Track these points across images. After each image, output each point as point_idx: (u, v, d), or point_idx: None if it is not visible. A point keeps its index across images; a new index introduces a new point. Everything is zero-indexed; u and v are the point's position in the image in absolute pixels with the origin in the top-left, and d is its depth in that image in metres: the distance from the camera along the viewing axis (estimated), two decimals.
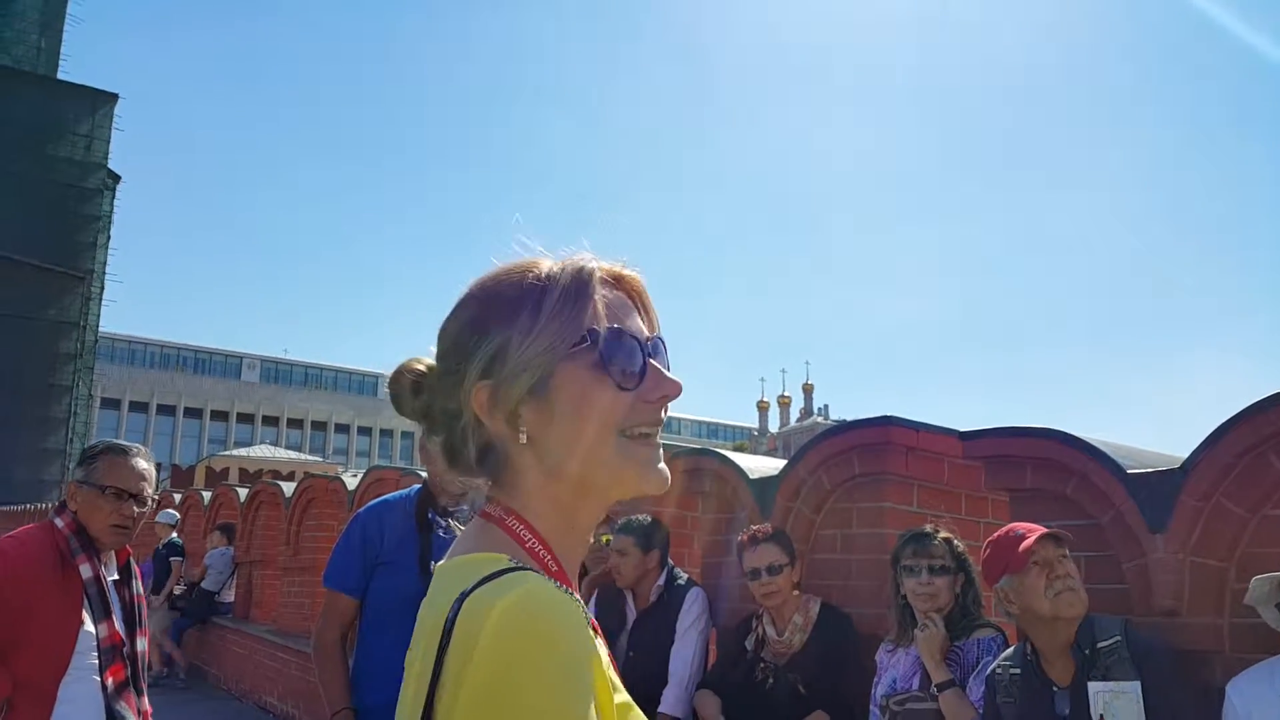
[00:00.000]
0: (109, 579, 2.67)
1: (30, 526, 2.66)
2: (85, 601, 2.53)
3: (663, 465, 0.94)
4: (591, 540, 1.04)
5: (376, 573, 2.99)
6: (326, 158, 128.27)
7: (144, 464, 2.74)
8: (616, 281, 0.98)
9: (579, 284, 0.93)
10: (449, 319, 0.99)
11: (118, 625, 2.57)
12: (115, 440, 2.81)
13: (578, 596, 0.90)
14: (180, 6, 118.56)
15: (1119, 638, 2.49)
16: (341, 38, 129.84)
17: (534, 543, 0.92)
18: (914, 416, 3.94)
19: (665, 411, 0.95)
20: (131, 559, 2.84)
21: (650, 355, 0.94)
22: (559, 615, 0.80)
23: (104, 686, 2.50)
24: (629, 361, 0.92)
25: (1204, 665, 2.74)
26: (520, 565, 0.87)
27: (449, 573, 0.90)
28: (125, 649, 2.58)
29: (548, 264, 0.96)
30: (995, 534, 2.71)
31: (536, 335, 0.90)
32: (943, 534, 3.23)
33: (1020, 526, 2.67)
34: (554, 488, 0.94)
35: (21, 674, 2.42)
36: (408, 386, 1.00)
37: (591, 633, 0.85)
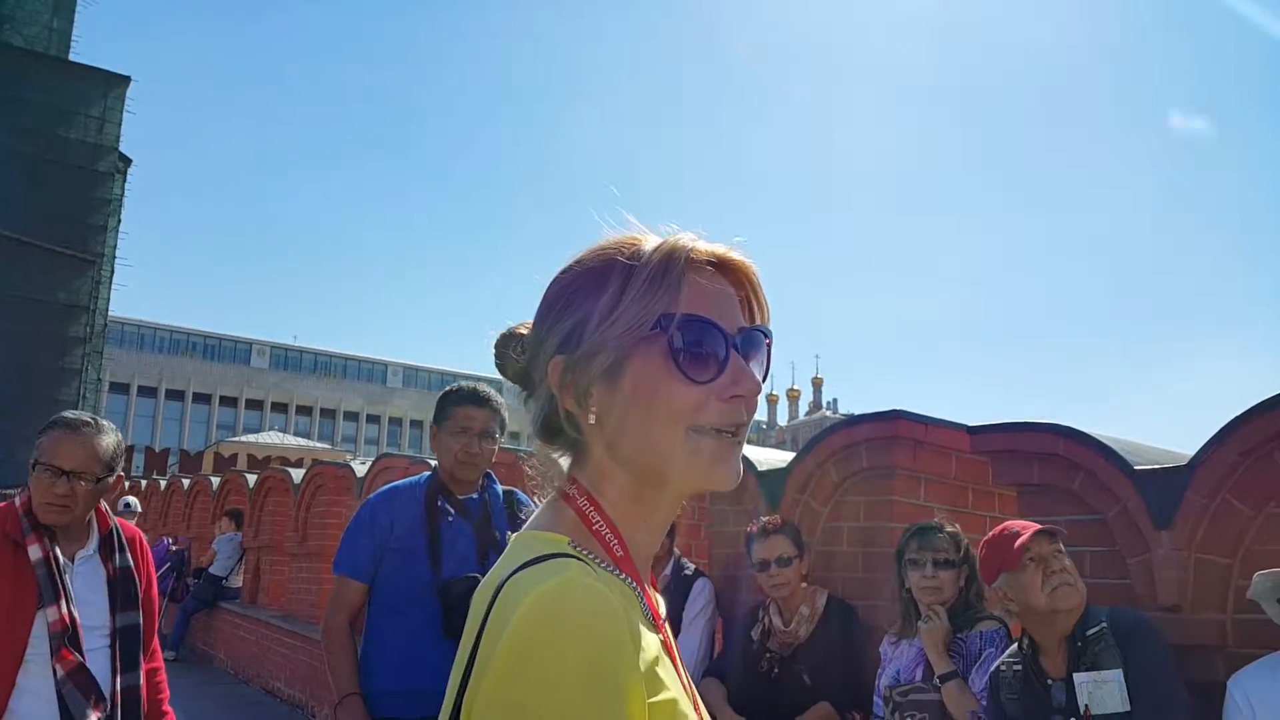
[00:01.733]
0: (73, 557, 2.60)
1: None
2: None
3: (732, 462, 0.89)
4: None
5: (385, 559, 3.01)
6: (339, 146, 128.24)
7: (96, 439, 2.58)
8: (720, 266, 0.92)
9: (666, 266, 0.88)
10: (549, 284, 0.95)
11: (67, 608, 2.48)
12: (68, 414, 2.69)
13: (635, 586, 0.89)
14: None
15: (1104, 624, 2.52)
16: (357, 26, 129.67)
17: (600, 525, 0.90)
18: (924, 411, 3.95)
19: (749, 410, 0.90)
20: (116, 528, 2.73)
21: (737, 348, 0.89)
22: (591, 609, 0.76)
23: (54, 672, 2.44)
24: (704, 353, 0.87)
25: (1207, 661, 2.76)
26: (569, 551, 0.85)
27: (511, 549, 0.89)
28: (68, 633, 2.47)
29: (648, 242, 0.91)
30: (989, 533, 2.74)
31: (616, 317, 0.87)
32: (948, 528, 3.24)
33: (1014, 524, 2.69)
34: (620, 473, 0.91)
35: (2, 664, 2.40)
36: (515, 347, 0.98)
37: (638, 628, 0.81)
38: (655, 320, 0.86)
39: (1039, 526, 2.63)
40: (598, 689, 0.73)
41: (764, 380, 0.92)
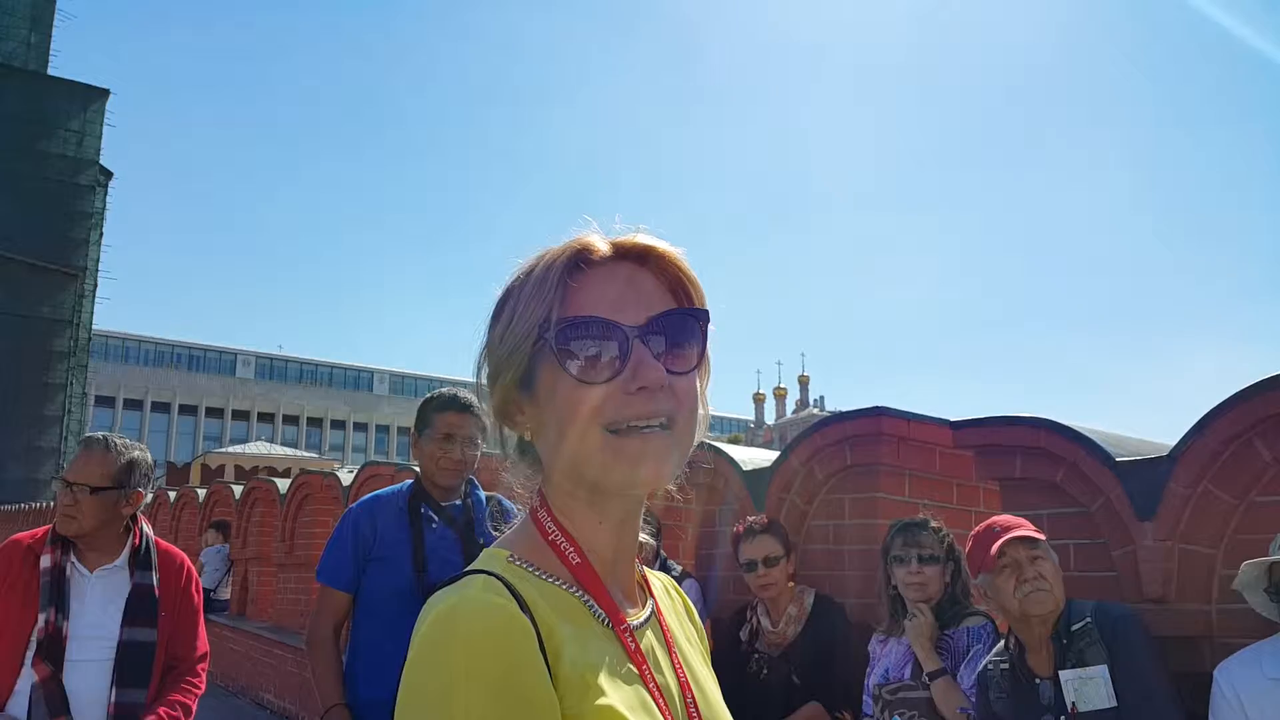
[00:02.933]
0: (96, 569, 2.71)
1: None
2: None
3: (662, 458, 0.86)
4: (643, 538, 0.99)
5: (369, 568, 3.00)
6: (320, 153, 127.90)
7: (102, 455, 2.74)
8: (627, 255, 0.90)
9: (542, 273, 0.88)
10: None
11: (55, 617, 2.58)
12: (96, 434, 2.85)
13: (585, 594, 0.88)
14: (171, 1, 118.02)
15: (1089, 620, 2.52)
16: (333, 34, 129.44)
17: (556, 535, 0.91)
18: (911, 406, 3.96)
19: (672, 399, 0.86)
20: (148, 545, 2.83)
21: (642, 339, 0.86)
22: (478, 625, 0.77)
23: (30, 674, 2.55)
24: (592, 352, 0.85)
25: (1193, 651, 2.77)
26: (494, 568, 0.85)
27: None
28: (50, 641, 2.57)
29: (546, 253, 0.91)
30: (976, 529, 2.74)
31: (508, 333, 0.89)
32: (933, 523, 3.24)
33: (999, 522, 2.68)
34: (565, 481, 0.91)
35: (3, 669, 2.55)
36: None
37: (564, 636, 0.82)
38: (535, 329, 0.86)
39: (1020, 528, 2.62)
40: (483, 698, 0.74)
41: (699, 362, 0.90)
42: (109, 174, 45.55)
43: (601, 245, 0.89)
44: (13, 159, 39.26)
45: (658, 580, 1.06)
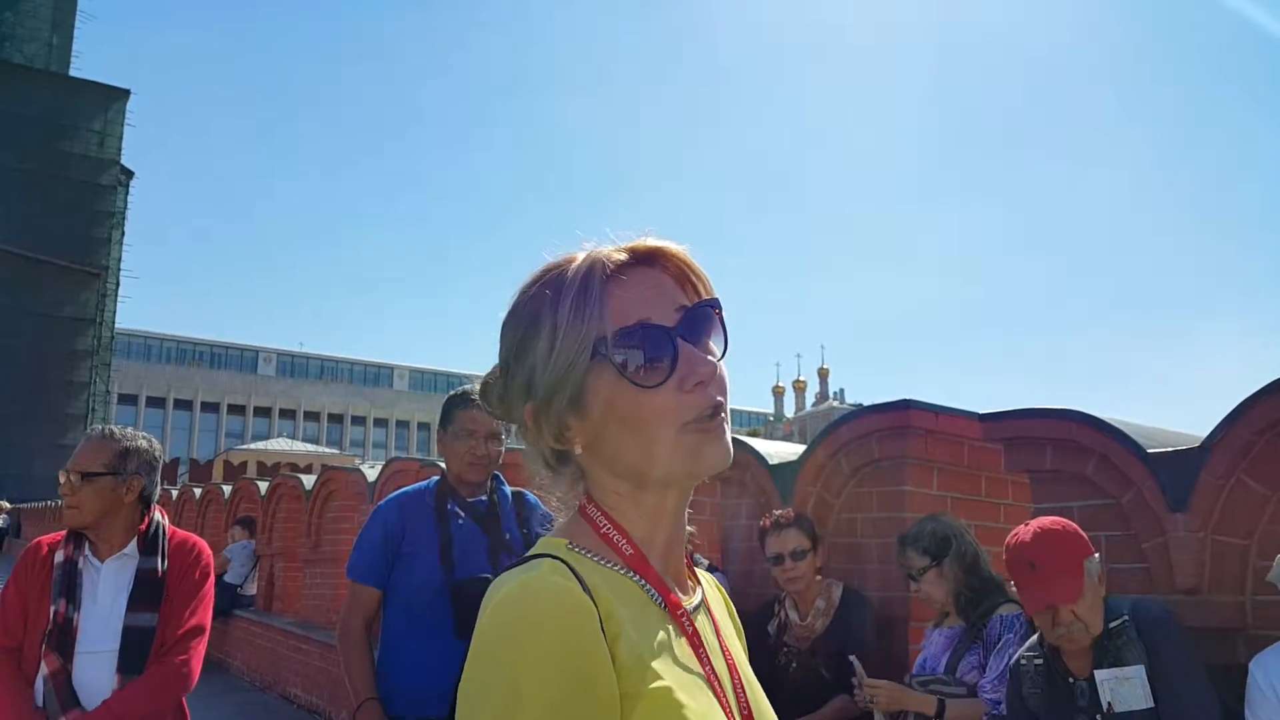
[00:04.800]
0: (106, 559, 2.75)
1: None
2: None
3: (721, 443, 0.91)
4: (690, 528, 1.03)
5: (398, 564, 3.02)
6: (339, 151, 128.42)
7: (98, 443, 2.78)
8: (642, 259, 0.94)
9: (585, 288, 0.90)
10: (502, 329, 0.98)
11: (64, 608, 2.63)
12: (99, 425, 2.92)
13: (643, 580, 0.92)
14: (190, 1, 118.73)
15: (1126, 618, 2.48)
16: (352, 31, 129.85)
17: (608, 528, 0.94)
18: (931, 399, 3.94)
19: (718, 389, 0.91)
20: (158, 531, 2.83)
21: (684, 336, 0.90)
22: (546, 605, 0.81)
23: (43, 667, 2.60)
24: (649, 358, 0.89)
25: (1227, 643, 2.74)
26: (557, 552, 0.89)
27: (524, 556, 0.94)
28: (59, 633, 2.61)
29: (570, 265, 0.93)
30: (1013, 538, 2.58)
31: (555, 357, 0.90)
32: (910, 535, 3.23)
33: (1031, 556, 2.50)
34: (620, 484, 0.94)
35: (29, 663, 2.63)
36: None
37: (623, 620, 0.84)
38: (591, 348, 0.89)
39: (1061, 567, 2.46)
40: (550, 675, 0.77)
41: (724, 351, 0.94)
42: (130, 173, 45.87)
43: (619, 254, 0.93)
44: (36, 160, 39.64)
45: (704, 576, 1.09)
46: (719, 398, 0.91)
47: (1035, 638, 2.72)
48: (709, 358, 0.91)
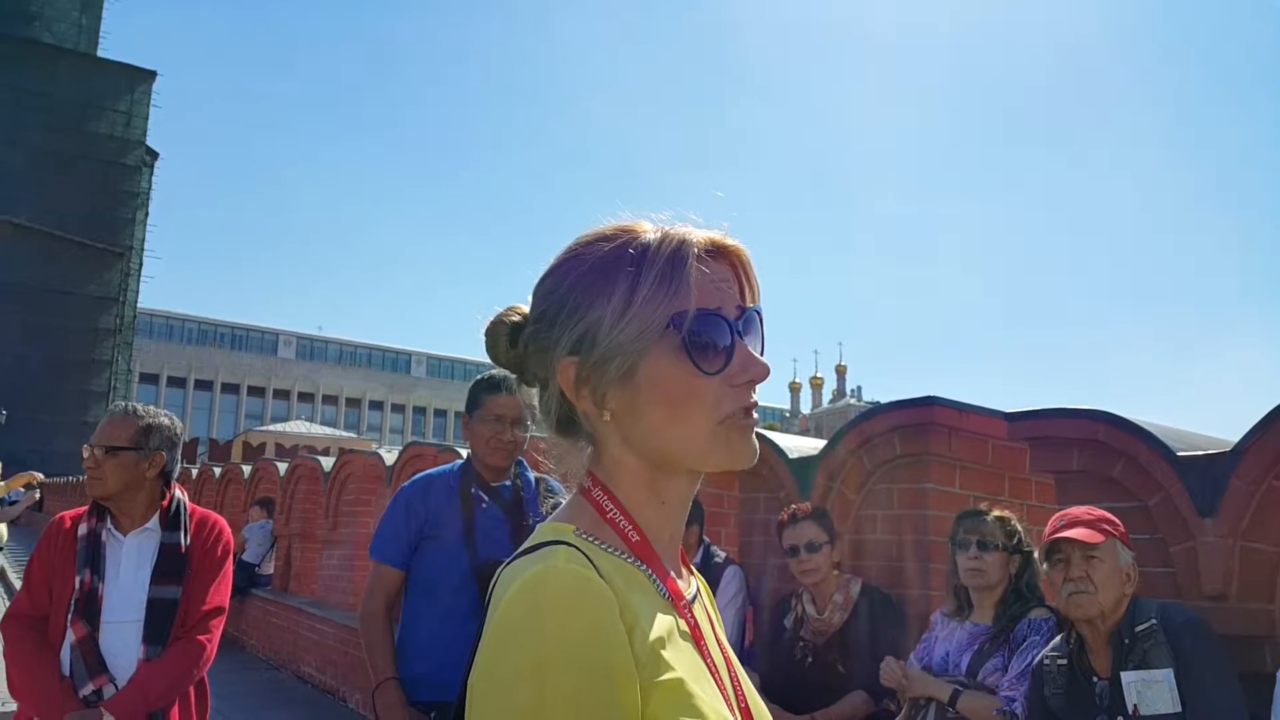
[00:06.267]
0: (129, 533, 2.82)
1: None
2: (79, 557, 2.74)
3: (751, 440, 0.91)
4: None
5: (421, 546, 3.04)
6: (363, 134, 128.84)
7: (120, 419, 2.84)
8: (718, 252, 0.93)
9: (675, 263, 0.88)
10: (544, 278, 0.95)
11: (89, 578, 2.69)
12: (122, 403, 2.97)
13: (648, 569, 0.90)
14: None
15: (1155, 621, 2.45)
16: (378, 13, 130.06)
17: (615, 513, 0.92)
18: (948, 397, 3.91)
19: (754, 394, 0.92)
20: (179, 507, 2.89)
21: (741, 334, 0.90)
22: (569, 592, 0.79)
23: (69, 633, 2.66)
24: (714, 344, 0.88)
25: (1255, 651, 2.72)
26: (567, 539, 0.86)
27: (526, 541, 0.91)
28: (86, 603, 2.66)
29: (647, 233, 0.91)
30: (1053, 517, 2.68)
31: (629, 320, 0.88)
32: (996, 513, 3.21)
33: (1066, 515, 2.62)
34: (636, 463, 0.92)
35: (54, 633, 2.69)
36: (504, 335, 0.98)
37: (638, 609, 0.83)
38: (669, 319, 0.87)
39: (1079, 526, 2.54)
40: (574, 667, 0.76)
41: (763, 354, 0.94)
42: (155, 154, 46.16)
43: (702, 237, 0.92)
44: (63, 139, 39.96)
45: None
46: (755, 399, 0.92)
47: (1059, 638, 2.71)
48: (761, 361, 0.91)
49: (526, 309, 0.98)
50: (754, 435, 0.92)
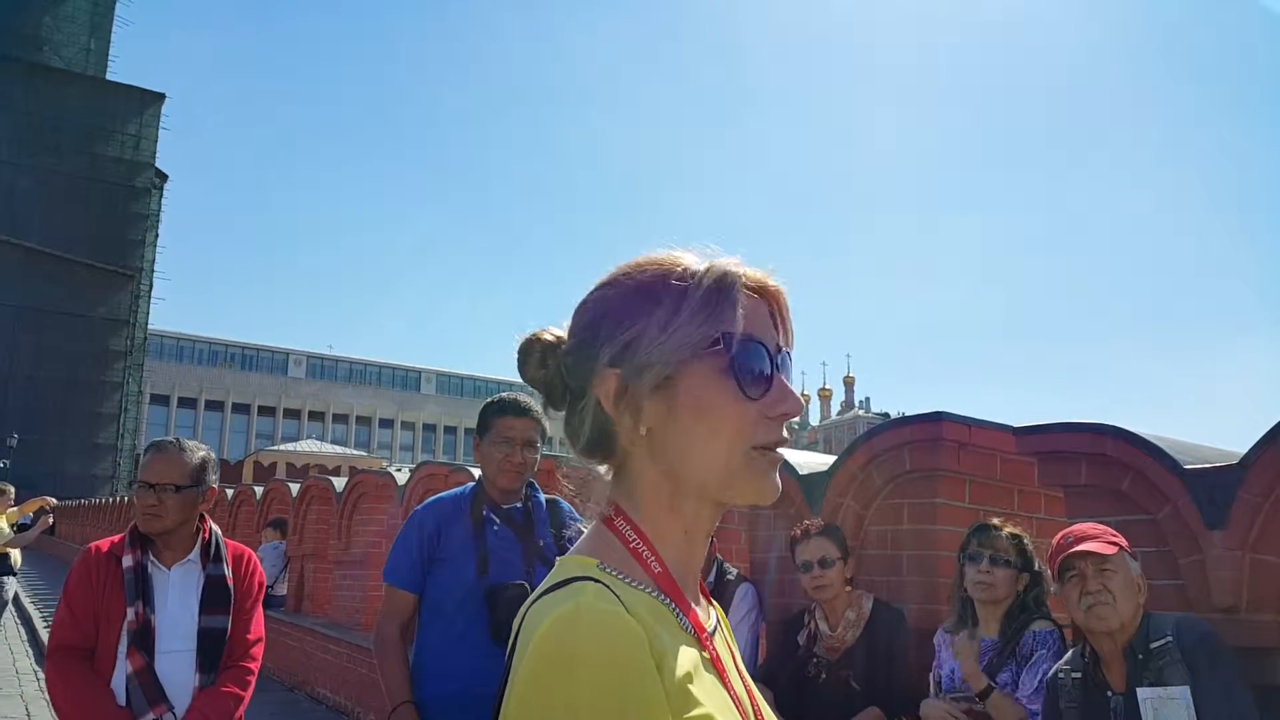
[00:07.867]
0: (172, 565, 2.90)
1: None
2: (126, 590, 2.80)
3: (775, 477, 0.93)
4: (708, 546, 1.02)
5: (434, 569, 3.06)
6: (371, 155, 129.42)
7: (178, 456, 2.92)
8: (759, 291, 0.95)
9: (723, 286, 0.91)
10: (588, 296, 0.97)
11: (143, 611, 2.77)
12: (160, 439, 3.04)
13: (671, 602, 0.90)
14: (224, 5, 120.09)
15: (1170, 638, 2.45)
16: (383, 36, 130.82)
17: (638, 543, 0.92)
18: (956, 409, 3.93)
19: (787, 430, 0.94)
20: (216, 540, 3.01)
21: (779, 369, 0.93)
22: (601, 633, 0.79)
23: (125, 666, 2.73)
24: (757, 372, 0.90)
25: (1266, 663, 2.72)
26: (593, 574, 0.87)
27: (550, 575, 0.91)
28: (141, 634, 2.74)
29: (692, 262, 0.94)
30: (1057, 535, 2.69)
31: (673, 332, 0.90)
32: (1010, 529, 3.22)
33: (1074, 531, 2.63)
34: (664, 485, 0.93)
35: (103, 663, 2.75)
36: (536, 355, 0.99)
37: (665, 645, 0.83)
38: (716, 338, 0.89)
39: (1092, 540, 2.55)
40: (607, 708, 0.76)
41: None
42: (164, 176, 46.39)
43: (750, 273, 0.95)
44: (73, 162, 40.23)
45: None
46: (786, 436, 0.94)
47: (1072, 652, 2.72)
48: (798, 396, 0.94)
49: (560, 331, 0.99)
50: (777, 472, 0.93)
